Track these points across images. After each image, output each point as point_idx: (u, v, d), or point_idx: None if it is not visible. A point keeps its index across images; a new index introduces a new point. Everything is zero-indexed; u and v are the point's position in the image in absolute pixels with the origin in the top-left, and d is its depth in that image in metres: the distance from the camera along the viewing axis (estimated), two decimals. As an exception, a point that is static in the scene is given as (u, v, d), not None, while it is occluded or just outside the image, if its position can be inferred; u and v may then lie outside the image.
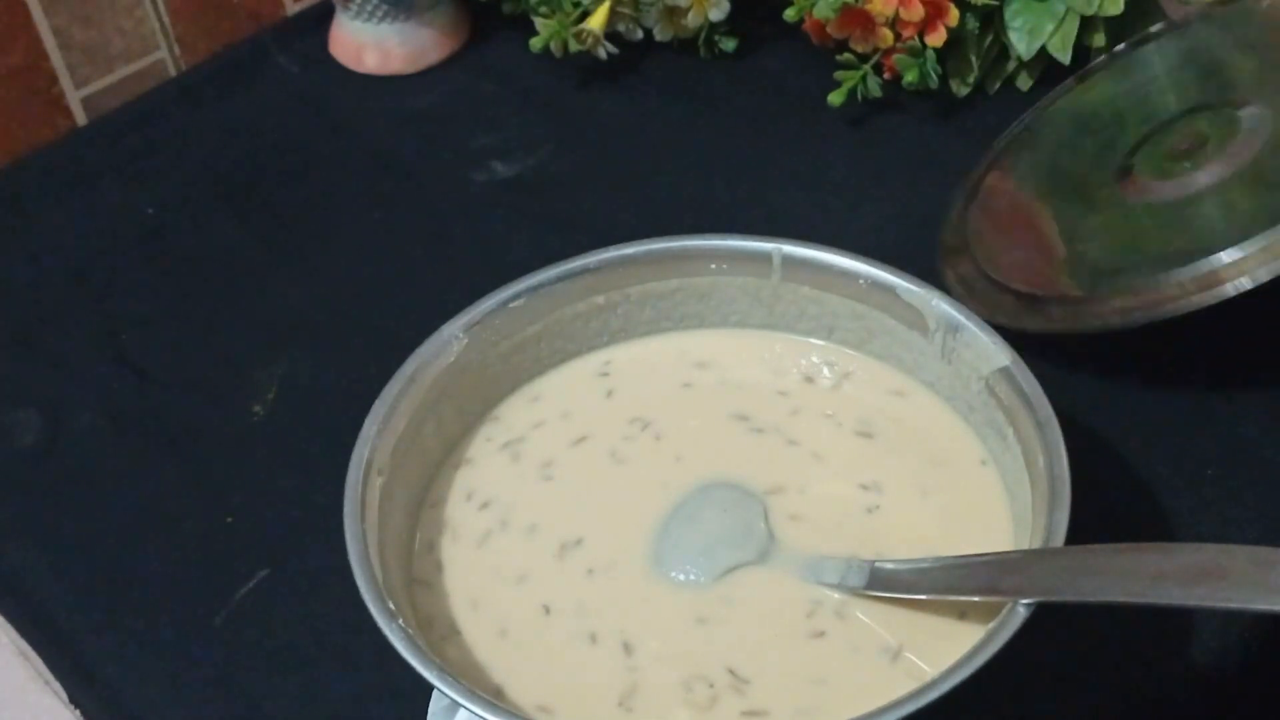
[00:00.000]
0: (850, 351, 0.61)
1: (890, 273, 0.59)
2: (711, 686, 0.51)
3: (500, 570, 0.56)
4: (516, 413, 0.61)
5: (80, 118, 0.87)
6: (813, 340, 0.61)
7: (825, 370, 0.61)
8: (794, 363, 0.61)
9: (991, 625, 0.48)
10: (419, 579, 0.56)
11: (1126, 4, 0.76)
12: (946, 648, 0.49)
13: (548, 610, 0.54)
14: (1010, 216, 0.71)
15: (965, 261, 0.68)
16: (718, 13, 0.83)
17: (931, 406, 0.59)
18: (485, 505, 0.58)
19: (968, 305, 0.58)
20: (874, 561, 0.53)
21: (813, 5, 0.78)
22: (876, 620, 0.52)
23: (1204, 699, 0.57)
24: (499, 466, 0.59)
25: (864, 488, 0.57)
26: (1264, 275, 0.58)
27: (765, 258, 0.60)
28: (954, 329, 0.57)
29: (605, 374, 0.62)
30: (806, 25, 0.81)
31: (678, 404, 0.60)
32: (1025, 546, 0.51)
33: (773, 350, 0.62)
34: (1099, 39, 0.78)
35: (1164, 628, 0.58)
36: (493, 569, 0.56)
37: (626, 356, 0.62)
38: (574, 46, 0.83)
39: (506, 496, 0.58)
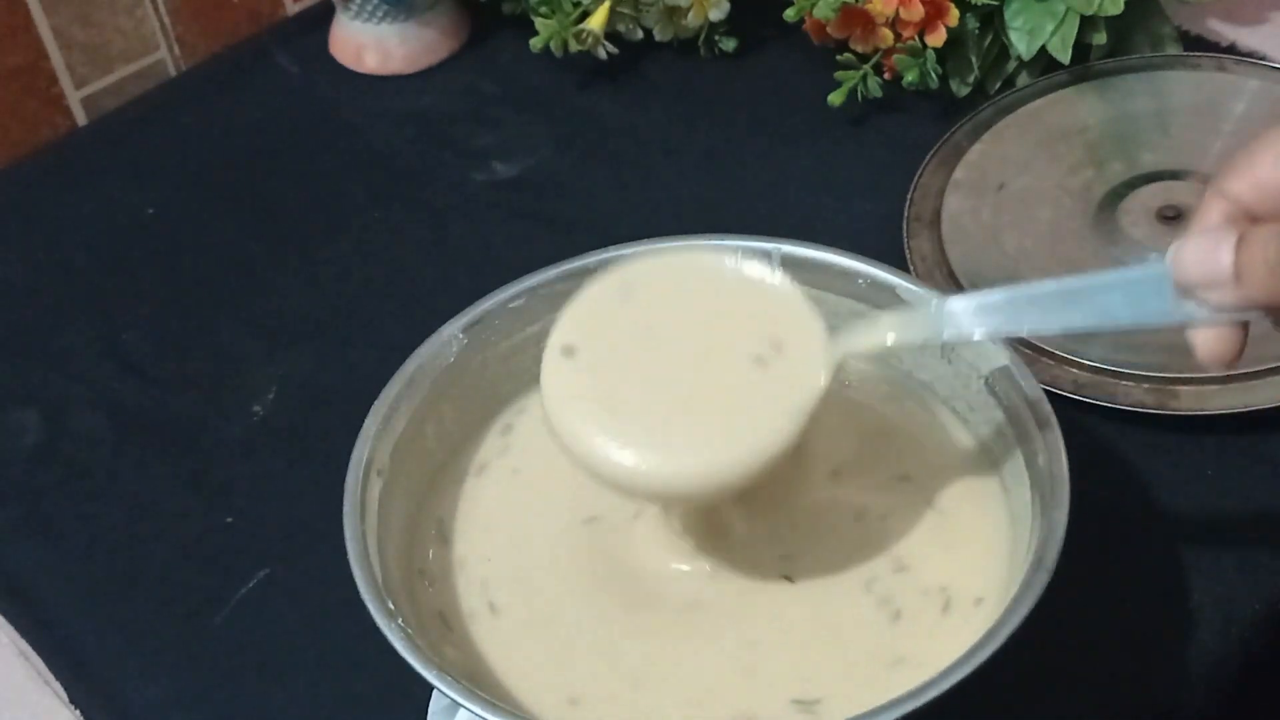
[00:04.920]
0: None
1: (890, 273, 0.59)
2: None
3: (506, 563, 0.56)
4: (519, 413, 0.61)
5: (80, 118, 0.87)
6: None
7: None
8: None
9: (992, 624, 0.48)
10: (421, 576, 0.56)
11: (1126, 4, 0.76)
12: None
13: (557, 604, 0.54)
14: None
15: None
16: (718, 13, 0.83)
17: (930, 408, 0.59)
18: (487, 503, 0.58)
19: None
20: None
21: (813, 5, 0.78)
22: None
23: (1204, 699, 0.57)
24: (500, 466, 0.59)
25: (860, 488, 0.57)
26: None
27: (765, 258, 0.60)
28: (953, 328, 0.57)
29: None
30: (806, 25, 0.81)
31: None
32: (1023, 546, 0.51)
33: None
34: (1099, 38, 0.78)
35: (1164, 628, 0.58)
36: (498, 562, 0.56)
37: None
38: (574, 46, 0.83)
39: (508, 491, 0.58)
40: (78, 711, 0.60)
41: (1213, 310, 0.43)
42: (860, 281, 0.59)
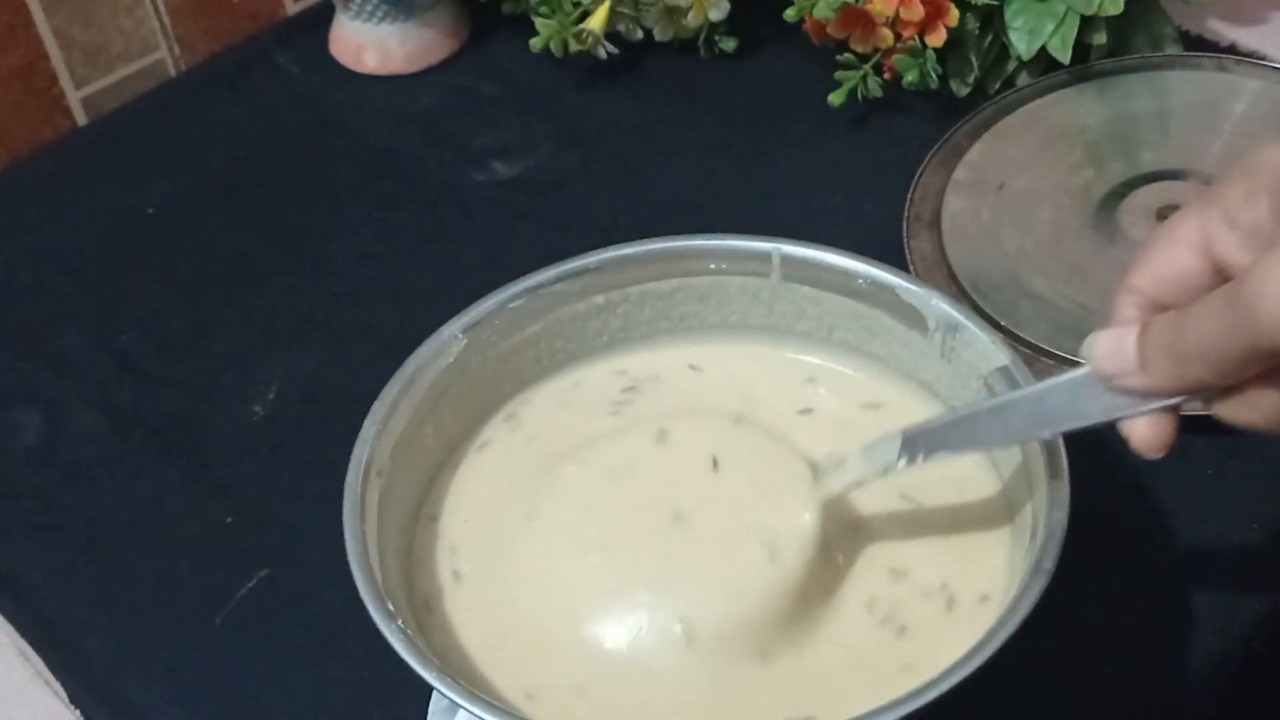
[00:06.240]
0: (844, 368, 0.61)
1: (890, 272, 0.59)
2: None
3: (502, 563, 0.56)
4: (522, 411, 0.61)
5: (80, 118, 0.87)
6: (809, 358, 0.62)
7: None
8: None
9: (992, 624, 0.48)
10: (419, 569, 0.56)
11: (1126, 4, 0.76)
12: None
13: (552, 604, 0.54)
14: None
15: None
16: (718, 13, 0.83)
17: (928, 406, 0.59)
18: (485, 504, 0.58)
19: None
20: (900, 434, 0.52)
21: (813, 5, 0.78)
22: None
23: (1204, 699, 0.57)
24: (500, 466, 0.59)
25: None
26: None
27: (765, 258, 0.60)
28: (953, 328, 0.57)
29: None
30: (806, 25, 0.81)
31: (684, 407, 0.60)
32: (1024, 547, 0.51)
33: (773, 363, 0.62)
34: (1099, 38, 0.78)
35: (1164, 628, 0.58)
36: (494, 564, 0.56)
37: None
38: (574, 46, 0.83)
39: (507, 494, 0.58)
40: (78, 711, 0.60)
41: (1133, 400, 0.44)
42: (860, 281, 0.59)
